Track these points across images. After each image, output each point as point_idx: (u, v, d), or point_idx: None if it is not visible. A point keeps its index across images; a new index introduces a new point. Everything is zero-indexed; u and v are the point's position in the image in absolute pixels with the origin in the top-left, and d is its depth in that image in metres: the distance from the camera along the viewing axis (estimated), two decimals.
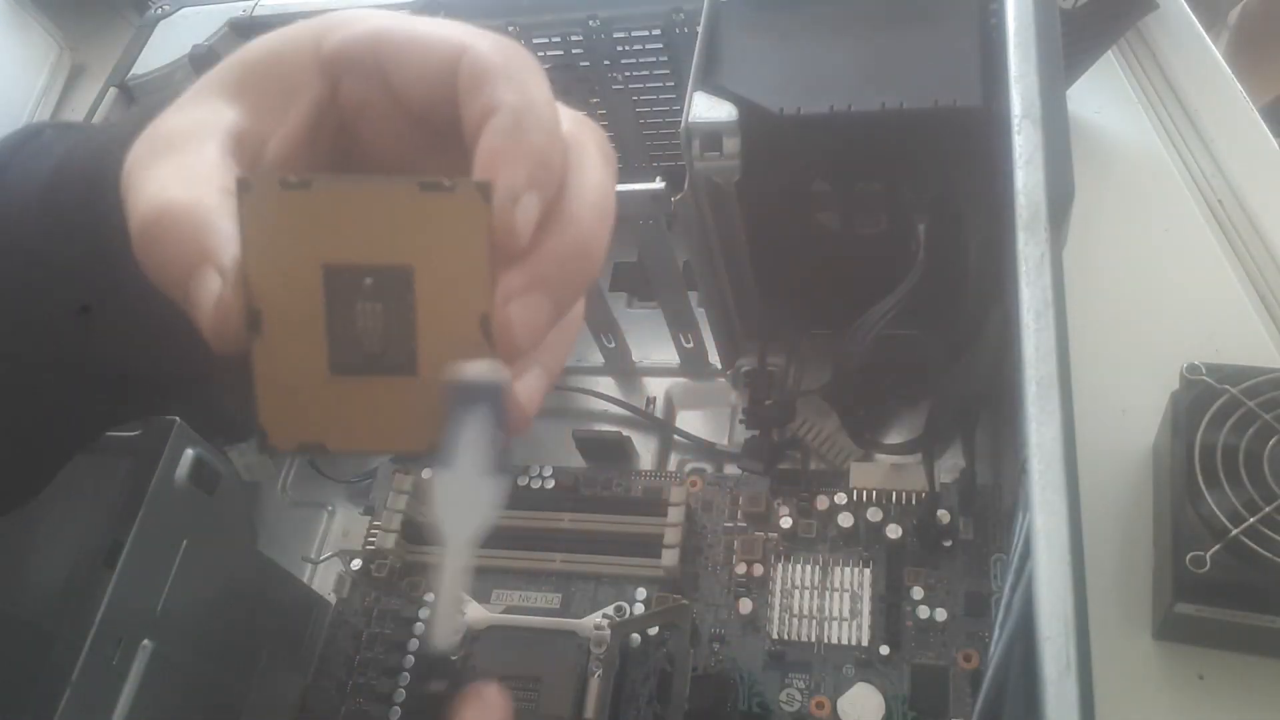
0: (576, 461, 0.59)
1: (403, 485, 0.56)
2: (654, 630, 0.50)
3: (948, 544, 0.50)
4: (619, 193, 0.49)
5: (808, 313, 0.58)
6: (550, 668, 0.48)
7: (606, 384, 0.63)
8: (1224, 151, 0.65)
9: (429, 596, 0.54)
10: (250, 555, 0.54)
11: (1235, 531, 0.43)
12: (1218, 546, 0.43)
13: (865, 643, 0.48)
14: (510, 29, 0.58)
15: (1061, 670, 0.26)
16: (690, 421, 0.61)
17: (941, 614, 0.48)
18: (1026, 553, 0.28)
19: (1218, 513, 0.43)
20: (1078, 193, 0.34)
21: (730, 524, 0.54)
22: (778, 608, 0.50)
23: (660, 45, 0.57)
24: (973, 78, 0.42)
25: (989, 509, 0.50)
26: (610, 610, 0.50)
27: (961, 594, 0.48)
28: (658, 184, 0.46)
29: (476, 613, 0.51)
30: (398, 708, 0.52)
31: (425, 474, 0.55)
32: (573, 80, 0.61)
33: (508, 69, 0.24)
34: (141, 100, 0.35)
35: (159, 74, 0.59)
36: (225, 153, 0.25)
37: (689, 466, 0.59)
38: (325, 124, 0.26)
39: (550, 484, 0.57)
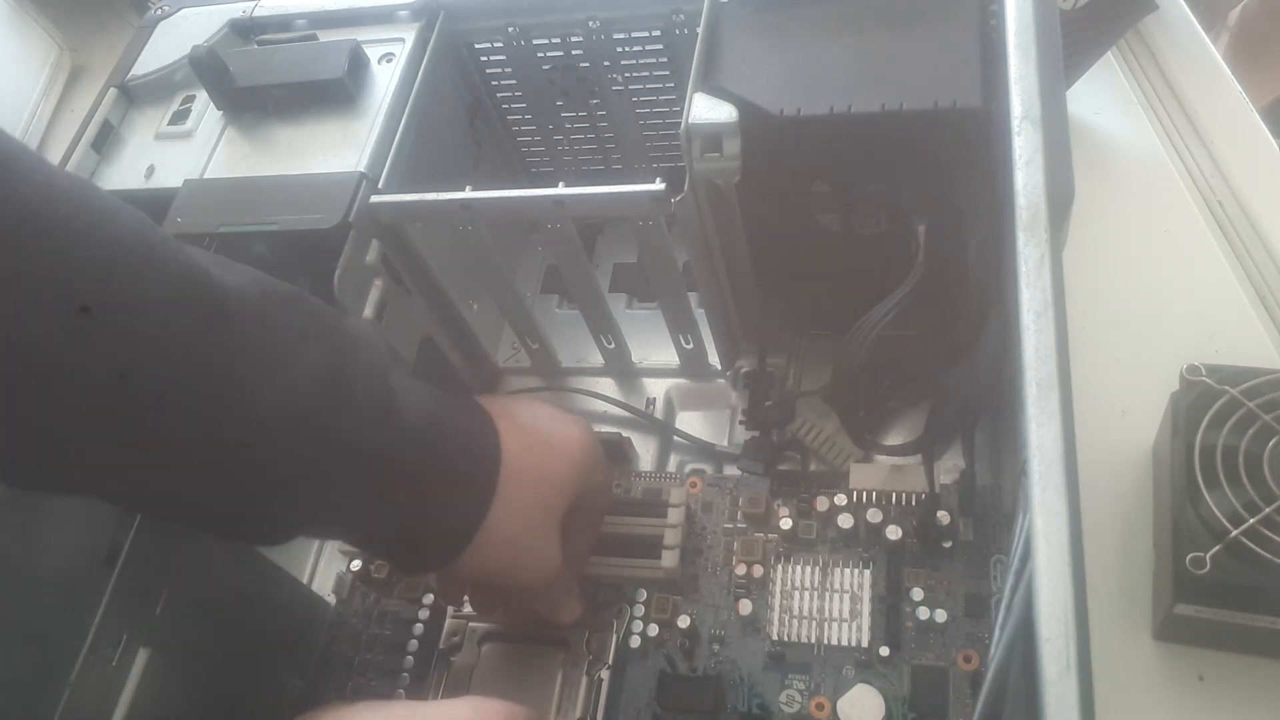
0: None
1: None
2: (654, 631, 0.50)
3: (948, 545, 0.50)
4: (620, 194, 0.49)
5: (808, 313, 0.58)
6: (550, 669, 0.48)
7: (606, 384, 0.63)
8: (1224, 152, 0.65)
9: (428, 598, 0.54)
10: (250, 556, 0.54)
11: (1235, 532, 0.43)
12: (1217, 547, 0.43)
13: (865, 644, 0.48)
14: (510, 29, 0.58)
15: (1061, 671, 0.26)
16: (690, 422, 0.61)
17: (941, 615, 0.48)
18: (1026, 554, 0.28)
19: (1217, 514, 0.43)
20: (1078, 193, 0.34)
21: (730, 525, 0.54)
22: (777, 609, 0.50)
23: (660, 46, 0.57)
24: (972, 79, 0.42)
25: (989, 510, 0.50)
26: (610, 611, 0.50)
27: (961, 595, 0.48)
28: (658, 185, 0.46)
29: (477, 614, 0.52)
30: None
31: None
32: (573, 81, 0.61)
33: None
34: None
35: (159, 74, 0.59)
36: None
37: (689, 467, 0.59)
38: None
39: None
